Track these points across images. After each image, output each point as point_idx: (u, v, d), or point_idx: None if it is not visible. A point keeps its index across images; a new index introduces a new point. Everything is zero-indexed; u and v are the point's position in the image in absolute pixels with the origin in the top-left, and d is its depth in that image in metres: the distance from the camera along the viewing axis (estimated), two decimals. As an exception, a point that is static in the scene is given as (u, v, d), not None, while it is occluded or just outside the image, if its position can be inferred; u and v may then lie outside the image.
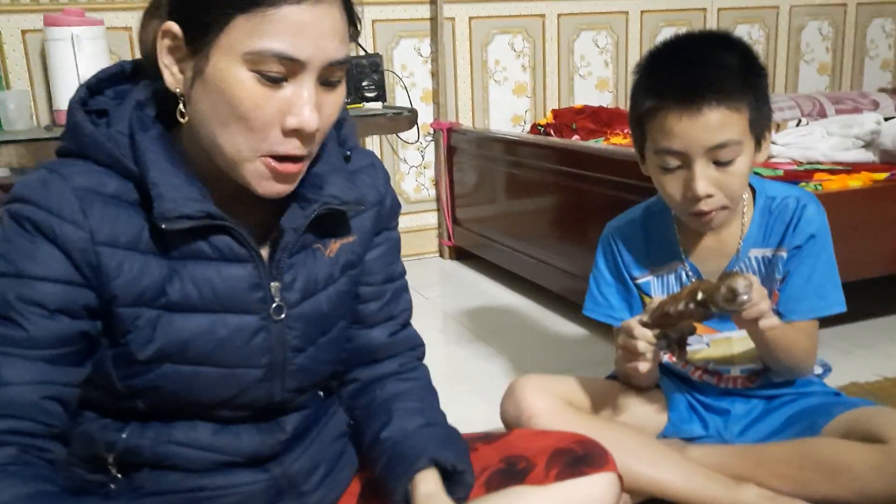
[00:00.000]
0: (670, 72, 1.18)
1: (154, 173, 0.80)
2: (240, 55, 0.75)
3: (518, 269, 2.73)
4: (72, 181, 0.79)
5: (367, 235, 0.99)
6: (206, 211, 0.81)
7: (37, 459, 0.77)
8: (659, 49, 1.23)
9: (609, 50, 3.41)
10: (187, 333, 0.84)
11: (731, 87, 1.14)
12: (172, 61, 0.81)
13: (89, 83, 0.87)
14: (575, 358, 2.11)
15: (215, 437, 0.90)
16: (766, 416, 1.35)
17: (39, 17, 2.39)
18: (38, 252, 0.77)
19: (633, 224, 1.38)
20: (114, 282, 0.80)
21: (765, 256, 1.28)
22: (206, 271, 0.84)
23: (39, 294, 0.77)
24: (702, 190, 1.16)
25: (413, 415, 1.00)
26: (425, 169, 3.23)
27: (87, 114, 0.84)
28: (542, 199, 2.57)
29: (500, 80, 3.27)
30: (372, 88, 2.56)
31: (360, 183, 0.96)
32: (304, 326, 0.91)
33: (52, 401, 0.78)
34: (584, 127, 3.00)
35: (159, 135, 0.83)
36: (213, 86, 0.77)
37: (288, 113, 0.78)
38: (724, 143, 1.14)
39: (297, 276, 0.90)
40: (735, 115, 1.15)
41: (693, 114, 1.13)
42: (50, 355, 0.78)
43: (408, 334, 1.07)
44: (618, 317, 1.36)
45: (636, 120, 1.23)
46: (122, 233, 0.80)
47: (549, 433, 1.08)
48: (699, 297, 1.06)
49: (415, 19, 3.07)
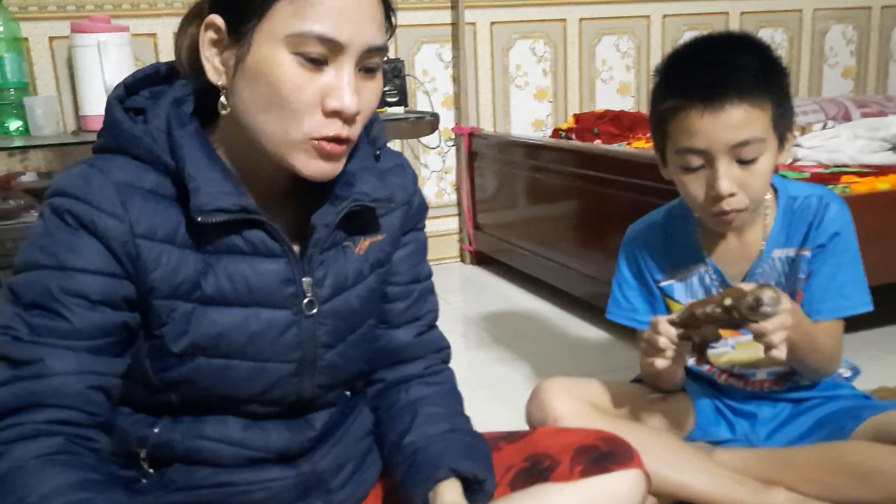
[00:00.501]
0: (691, 71, 1.18)
1: (191, 167, 0.81)
2: (282, 38, 0.77)
3: (540, 274, 2.72)
4: (111, 175, 0.80)
5: (396, 234, 1.00)
6: (242, 204, 0.82)
7: (83, 449, 0.78)
8: (679, 50, 1.23)
9: (631, 54, 3.40)
10: (220, 327, 0.84)
11: (752, 84, 1.14)
12: (214, 54, 0.82)
13: (126, 82, 0.88)
14: (598, 363, 2.09)
15: (245, 432, 0.90)
16: (793, 420, 1.34)
17: (66, 24, 2.41)
18: (79, 244, 0.78)
19: (655, 227, 1.37)
20: (152, 274, 0.81)
21: (788, 256, 1.27)
22: (240, 266, 0.85)
23: (82, 285, 0.78)
24: (725, 188, 1.15)
25: (436, 420, 0.99)
26: (446, 174, 3.23)
27: (124, 111, 0.85)
28: (563, 204, 2.56)
29: (521, 85, 3.26)
30: (394, 93, 2.57)
31: (389, 182, 0.97)
32: (334, 322, 0.92)
33: (96, 390, 0.79)
34: (606, 131, 2.97)
35: (196, 131, 0.84)
36: (255, 71, 0.79)
37: (328, 96, 0.79)
38: (747, 140, 1.14)
39: (328, 273, 0.90)
40: (758, 112, 1.14)
41: (715, 111, 1.13)
42: (93, 346, 0.79)
43: (433, 336, 1.07)
44: (641, 319, 1.35)
45: (657, 120, 1.23)
46: (160, 226, 0.81)
47: (572, 430, 1.07)
48: (726, 303, 1.05)
49: (436, 24, 3.07)
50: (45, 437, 0.76)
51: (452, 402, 1.04)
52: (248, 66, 0.79)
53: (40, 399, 0.77)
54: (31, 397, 0.77)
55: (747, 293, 1.03)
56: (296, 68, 0.78)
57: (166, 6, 2.71)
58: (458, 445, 0.96)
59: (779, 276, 1.27)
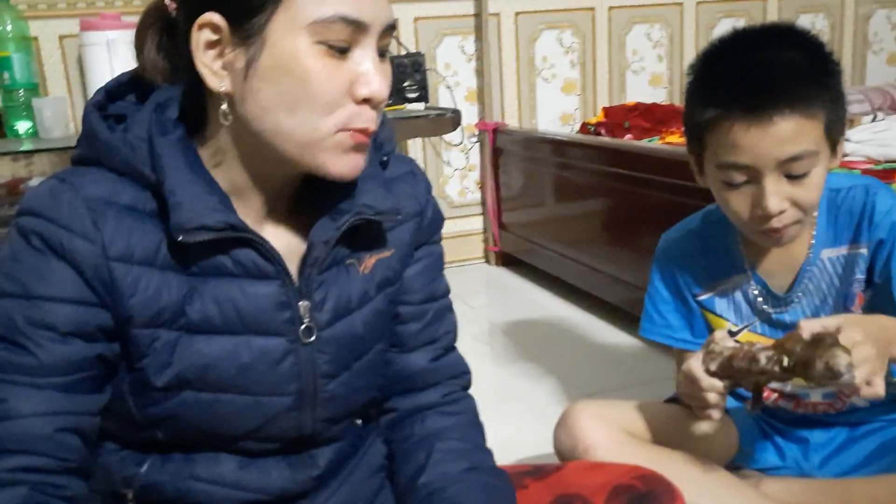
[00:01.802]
0: (733, 76, 1.06)
1: (172, 180, 0.75)
2: (304, 27, 0.72)
3: (568, 277, 2.68)
4: (83, 191, 0.75)
5: (406, 250, 0.93)
6: (228, 222, 0.76)
7: (51, 498, 0.73)
8: (716, 47, 1.12)
9: (663, 44, 3.34)
10: (208, 357, 0.79)
11: (804, 91, 1.03)
12: (213, 57, 0.75)
13: (108, 87, 0.83)
14: (631, 375, 2.03)
15: (241, 472, 0.84)
16: (850, 446, 1.25)
17: (76, 23, 2.39)
18: (47, 269, 0.73)
19: (692, 235, 1.29)
20: (129, 301, 0.75)
21: (839, 256, 1.18)
22: (229, 289, 0.79)
23: (50, 316, 0.73)
24: (774, 207, 1.05)
25: (455, 457, 0.92)
26: (470, 172, 3.19)
27: (105, 119, 0.80)
28: (593, 203, 2.51)
29: (547, 78, 3.21)
30: (414, 89, 2.52)
31: (397, 191, 0.90)
32: (336, 350, 0.85)
33: (67, 433, 0.75)
34: (638, 125, 2.93)
35: (179, 139, 0.78)
36: (274, 69, 0.73)
37: (356, 82, 0.75)
38: (798, 155, 1.03)
39: (329, 295, 0.84)
40: (810, 124, 1.03)
41: (763, 124, 1.02)
42: (63, 382, 0.74)
43: (451, 360, 1.00)
44: (678, 337, 1.28)
45: (693, 130, 1.13)
46: (138, 247, 0.76)
47: (606, 466, 1.01)
48: (785, 364, 0.95)
49: (458, 16, 3.03)
50: (10, 486, 0.71)
51: (473, 436, 0.98)
52: (263, 65, 0.74)
53: (5, 444, 0.72)
54: None
55: (815, 359, 0.92)
56: (322, 58, 0.74)
57: (178, 2, 2.65)
58: (478, 487, 0.90)
59: (830, 279, 1.18)
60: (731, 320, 1.23)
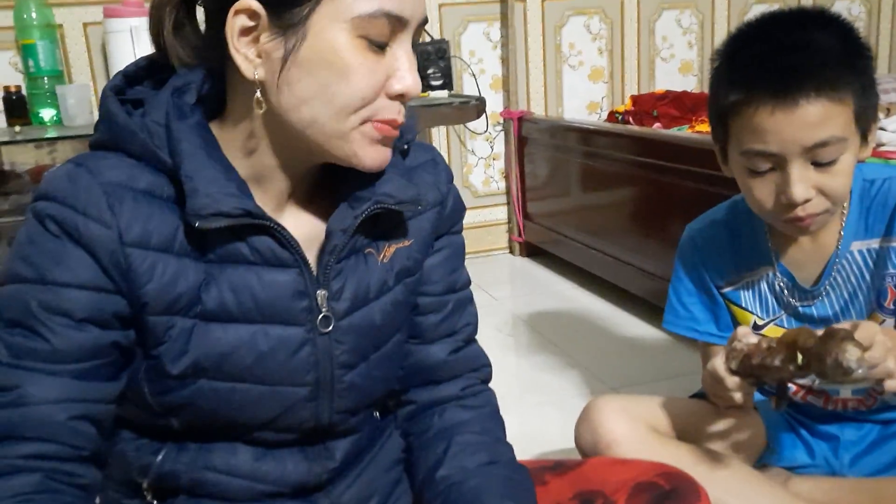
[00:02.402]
0: (759, 58, 1.03)
1: (189, 165, 0.75)
2: (348, 20, 0.72)
3: (594, 268, 2.65)
4: (100, 176, 0.74)
5: (427, 239, 0.92)
6: (245, 208, 0.75)
7: (65, 486, 0.73)
8: (743, 31, 1.09)
9: (694, 30, 3.29)
10: (224, 346, 0.78)
11: (832, 74, 0.99)
12: (248, 43, 0.74)
13: (127, 70, 0.82)
14: (657, 368, 2.01)
15: (257, 463, 0.84)
16: (882, 444, 1.21)
17: (100, 10, 2.40)
18: (63, 254, 0.73)
19: (717, 225, 1.26)
20: (145, 287, 0.74)
21: (870, 249, 1.14)
22: (245, 276, 0.78)
23: (65, 302, 0.73)
24: (800, 195, 1.02)
25: (474, 450, 0.91)
26: (494, 160, 3.17)
27: (122, 103, 0.79)
28: (620, 193, 2.47)
29: (574, 66, 3.17)
30: (438, 76, 2.49)
31: (418, 180, 0.89)
32: (354, 340, 0.84)
33: (81, 420, 0.74)
34: (667, 114, 2.90)
35: (197, 123, 0.78)
36: (315, 61, 0.73)
37: (392, 77, 0.76)
38: (825, 140, 1.00)
39: (347, 284, 0.83)
40: (838, 108, 1.00)
41: (788, 108, 0.99)
42: (78, 369, 0.74)
43: (471, 352, 0.98)
44: (702, 330, 1.26)
45: (718, 115, 1.10)
46: (155, 232, 0.75)
47: (629, 463, 0.99)
48: (800, 362, 0.93)
49: (484, 2, 3.00)
50: (23, 473, 0.71)
51: (492, 429, 0.96)
52: (303, 56, 0.73)
53: (18, 431, 0.71)
54: (9, 429, 0.71)
55: (825, 356, 0.90)
56: (363, 52, 0.74)
57: (202, -11, 2.65)
58: (497, 482, 0.88)
59: (859, 272, 1.15)
60: (757, 313, 1.21)
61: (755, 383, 1.03)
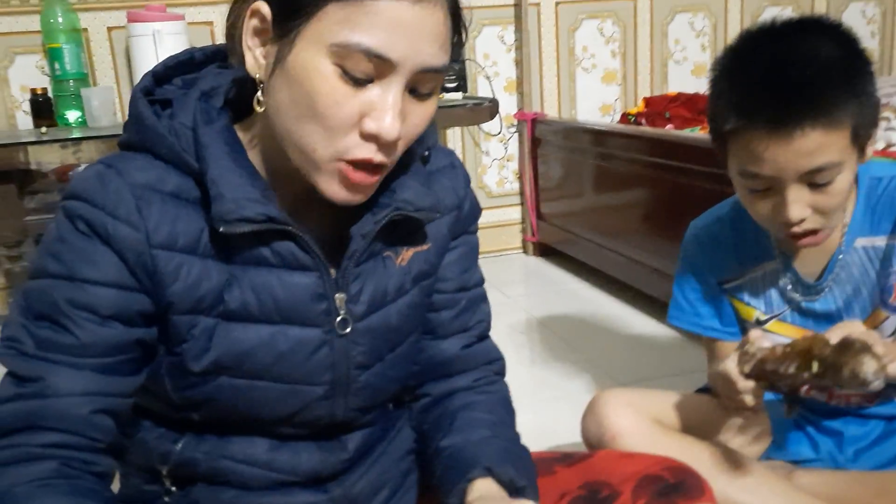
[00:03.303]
0: (754, 83, 1.02)
1: (215, 170, 0.75)
2: (326, 46, 0.70)
3: (606, 268, 2.65)
4: (129, 177, 0.75)
5: (443, 242, 0.93)
6: (268, 214, 0.76)
7: (81, 473, 0.74)
8: (742, 45, 1.07)
9: (706, 33, 3.27)
10: (245, 345, 0.79)
11: (829, 100, 0.98)
12: (257, 43, 0.76)
13: (155, 71, 0.82)
14: (667, 364, 2.01)
15: (273, 454, 0.85)
16: (886, 439, 1.22)
17: (124, 14, 2.44)
18: (92, 253, 0.74)
19: (721, 222, 1.26)
20: (170, 287, 0.76)
21: (875, 246, 1.14)
22: (267, 279, 0.79)
23: (92, 298, 0.73)
24: (795, 216, 1.03)
25: (478, 426, 0.92)
26: (508, 161, 3.17)
27: (151, 104, 0.80)
28: (632, 193, 2.47)
29: (587, 68, 3.18)
30: (452, 79, 2.52)
31: (437, 186, 0.90)
32: (370, 342, 0.85)
33: (102, 414, 0.75)
34: (679, 115, 2.88)
35: (224, 128, 0.79)
36: (292, 75, 0.72)
37: (368, 115, 0.72)
38: (821, 167, 1.00)
39: (365, 287, 0.84)
40: (834, 135, 0.99)
41: (783, 139, 0.98)
42: (101, 364, 0.75)
43: (484, 347, 0.99)
44: (706, 325, 1.26)
45: (717, 136, 1.10)
46: (181, 234, 0.76)
47: (636, 456, 1.00)
48: (815, 370, 0.93)
49: (498, 6, 3.00)
50: (40, 460, 0.72)
51: (500, 412, 0.96)
52: (287, 66, 0.73)
53: (40, 421, 0.72)
54: (30, 418, 0.72)
55: (842, 365, 0.90)
56: (336, 80, 0.71)
57: (221, -7, 2.69)
58: (497, 449, 0.89)
59: (865, 269, 1.15)
60: (760, 309, 1.21)
61: (767, 387, 1.02)
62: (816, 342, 0.94)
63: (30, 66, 2.59)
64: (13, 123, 2.61)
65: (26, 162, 2.01)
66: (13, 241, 2.13)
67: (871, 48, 3.44)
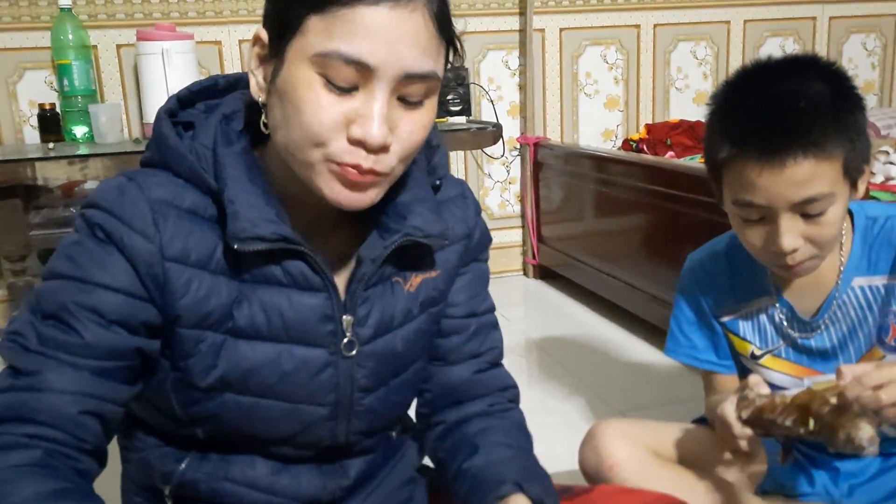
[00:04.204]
0: (749, 114, 1.04)
1: (232, 190, 0.77)
2: (309, 57, 0.72)
3: (605, 293, 2.65)
4: (149, 192, 0.77)
5: (452, 271, 0.93)
6: (282, 234, 0.77)
7: (64, 466, 0.73)
8: (738, 80, 1.10)
9: (709, 61, 3.29)
10: (251, 362, 0.80)
11: (820, 132, 1.00)
12: (258, 67, 0.78)
13: (180, 94, 0.85)
14: (666, 393, 2.01)
15: (273, 476, 0.86)
16: (882, 475, 1.22)
17: (134, 32, 2.46)
18: (105, 259, 0.75)
19: (717, 256, 1.27)
20: (179, 301, 0.77)
21: (874, 286, 1.15)
22: (277, 298, 0.80)
23: (100, 302, 0.75)
24: (788, 245, 1.04)
25: (499, 447, 0.91)
26: (510, 184, 3.18)
27: (174, 125, 0.82)
28: (632, 220, 2.48)
29: (590, 94, 3.19)
30: (457, 102, 2.54)
31: (447, 215, 0.91)
32: (375, 365, 0.86)
33: (90, 416, 0.75)
34: (680, 143, 2.89)
35: (243, 150, 0.80)
36: (283, 91, 0.74)
37: (353, 122, 0.73)
38: (813, 197, 1.01)
39: (372, 311, 0.85)
40: (825, 166, 1.01)
41: (776, 168, 1.00)
42: (99, 367, 0.75)
43: (497, 374, 0.99)
44: (702, 358, 1.27)
45: (711, 165, 1.12)
46: (194, 250, 0.77)
47: (635, 492, 1.00)
48: (811, 427, 0.93)
49: (503, 31, 3.03)
50: (25, 448, 0.72)
51: (517, 436, 0.96)
52: (279, 83, 0.75)
53: (29, 413, 0.73)
54: (21, 409, 0.73)
55: (838, 427, 0.89)
56: (320, 88, 0.72)
57: (231, 14, 2.72)
58: (521, 467, 0.89)
59: (860, 308, 1.16)
60: (756, 343, 1.22)
61: (763, 434, 1.02)
62: (816, 399, 0.94)
63: (38, 82, 2.61)
64: (20, 137, 2.63)
65: (33, 177, 2.02)
66: (17, 255, 2.14)
67: (872, 80, 3.46)
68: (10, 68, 2.60)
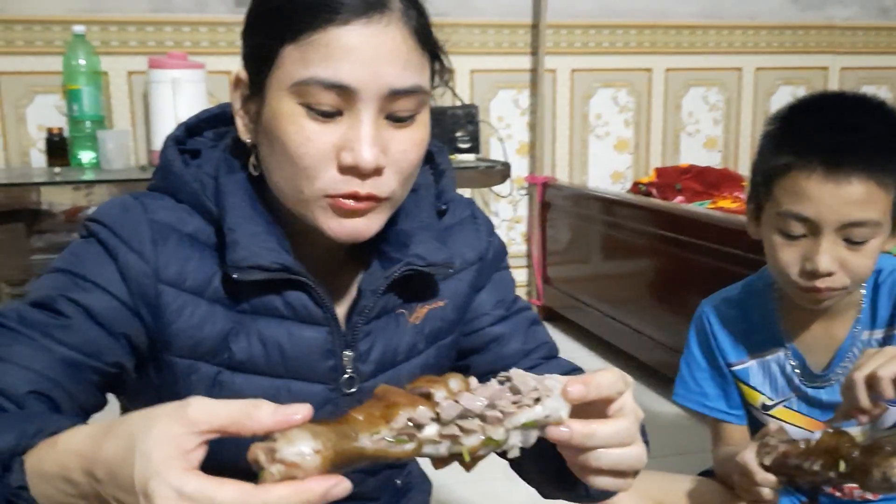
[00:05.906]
0: (816, 127, 1.06)
1: (232, 218, 0.76)
2: (287, 88, 0.71)
3: (610, 337, 2.62)
4: (152, 213, 0.77)
5: (462, 300, 0.89)
6: (283, 263, 0.75)
7: None
8: (803, 103, 1.12)
9: (720, 107, 3.30)
10: (246, 397, 0.76)
11: (883, 159, 1.02)
12: (242, 108, 0.78)
13: (188, 123, 0.85)
14: (669, 443, 1.96)
15: None
16: None
17: (145, 60, 2.46)
18: (102, 264, 0.75)
19: (730, 303, 1.26)
20: (171, 326, 0.75)
21: (876, 339, 1.15)
22: (277, 330, 0.78)
23: (90, 298, 0.74)
24: (825, 266, 1.03)
25: None
26: (517, 223, 3.17)
27: (181, 153, 0.82)
28: (639, 264, 2.46)
29: (601, 135, 3.19)
30: (466, 139, 2.53)
31: (453, 241, 0.87)
32: None
33: (42, 398, 0.70)
34: (690, 188, 2.88)
35: (245, 178, 0.80)
36: (268, 127, 0.73)
37: (343, 149, 0.71)
38: (863, 221, 1.02)
39: (374, 345, 0.82)
40: (881, 193, 1.02)
41: (838, 181, 1.00)
42: (71, 357, 0.72)
43: (557, 364, 0.92)
44: (712, 406, 1.25)
45: (764, 174, 1.11)
46: (191, 275, 0.76)
47: None
48: (842, 469, 0.91)
49: (514, 70, 3.04)
50: None
51: None
52: (263, 121, 0.74)
53: None
54: None
55: (871, 466, 0.88)
56: (303, 119, 0.71)
57: (243, 45, 2.73)
58: None
59: None
60: (766, 394, 1.20)
61: (786, 482, 1.00)
62: (843, 442, 0.92)
63: (48, 106, 2.62)
64: (27, 161, 2.64)
65: (37, 201, 2.01)
66: (17, 279, 2.12)
67: (883, 131, 3.46)
68: (21, 92, 2.62)
